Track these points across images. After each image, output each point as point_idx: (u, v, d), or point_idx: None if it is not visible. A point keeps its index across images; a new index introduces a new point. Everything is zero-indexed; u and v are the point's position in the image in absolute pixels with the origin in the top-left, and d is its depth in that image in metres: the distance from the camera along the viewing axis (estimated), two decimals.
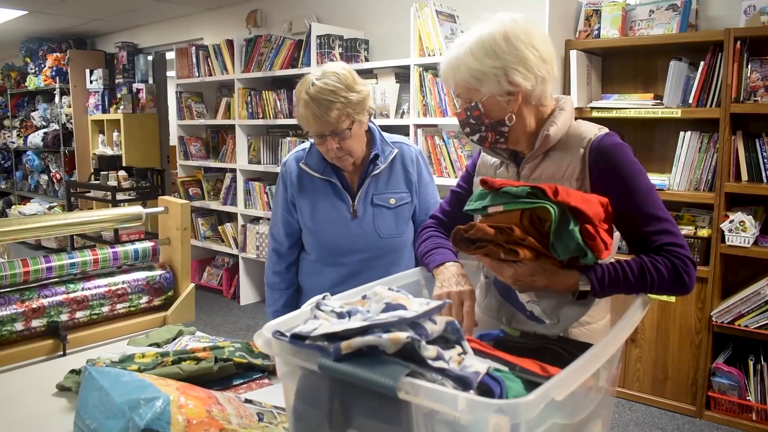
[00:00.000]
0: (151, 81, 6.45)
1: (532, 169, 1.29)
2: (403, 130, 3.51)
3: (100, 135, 6.36)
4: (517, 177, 1.33)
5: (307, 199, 1.78)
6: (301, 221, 1.81)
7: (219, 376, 1.39)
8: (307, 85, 1.61)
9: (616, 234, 1.25)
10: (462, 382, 0.75)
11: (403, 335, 0.77)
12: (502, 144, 1.29)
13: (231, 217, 5.05)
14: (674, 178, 2.95)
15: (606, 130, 1.28)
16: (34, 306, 1.58)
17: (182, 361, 1.37)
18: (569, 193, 1.03)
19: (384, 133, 1.81)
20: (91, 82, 6.49)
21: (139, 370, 1.31)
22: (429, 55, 3.44)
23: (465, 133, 1.29)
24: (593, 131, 1.26)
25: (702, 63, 2.79)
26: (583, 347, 0.97)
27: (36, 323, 1.59)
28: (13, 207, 7.51)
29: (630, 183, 1.20)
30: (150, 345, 1.61)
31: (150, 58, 6.47)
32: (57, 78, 6.60)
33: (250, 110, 4.61)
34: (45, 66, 6.77)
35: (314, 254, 1.83)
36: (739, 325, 2.75)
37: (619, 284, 1.11)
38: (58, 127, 6.82)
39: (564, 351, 1.02)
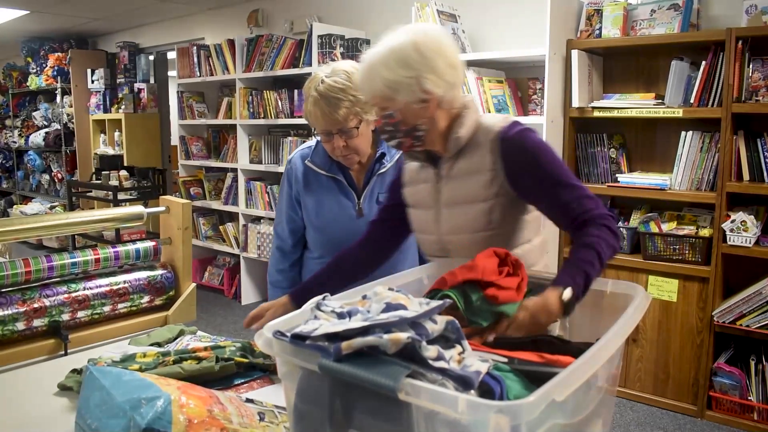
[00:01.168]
0: (152, 81, 6.46)
1: (449, 168, 1.38)
2: None
3: (102, 135, 6.37)
4: (436, 177, 1.41)
5: (312, 196, 1.78)
6: (305, 218, 1.82)
7: (220, 376, 1.39)
8: (317, 82, 1.61)
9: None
10: (463, 382, 0.75)
11: (403, 335, 0.77)
12: (418, 147, 1.36)
13: (232, 217, 5.05)
14: (676, 178, 2.95)
15: (511, 120, 1.38)
16: (35, 306, 1.58)
17: (183, 361, 1.37)
18: (454, 273, 1.09)
19: None
20: (92, 81, 6.49)
21: (140, 370, 1.31)
22: None
23: (383, 138, 1.37)
24: (499, 123, 1.36)
25: (703, 63, 2.79)
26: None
27: (37, 323, 1.59)
28: (15, 206, 7.52)
29: (541, 163, 1.30)
30: (151, 344, 1.61)
31: (151, 57, 6.48)
32: (58, 78, 6.60)
33: (251, 110, 4.61)
34: (46, 66, 6.78)
35: (318, 252, 1.83)
36: (741, 325, 2.75)
37: (590, 276, 1.15)
38: (59, 127, 6.83)
39: (556, 339, 1.02)
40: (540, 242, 1.46)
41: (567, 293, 1.10)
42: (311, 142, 1.83)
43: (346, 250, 1.60)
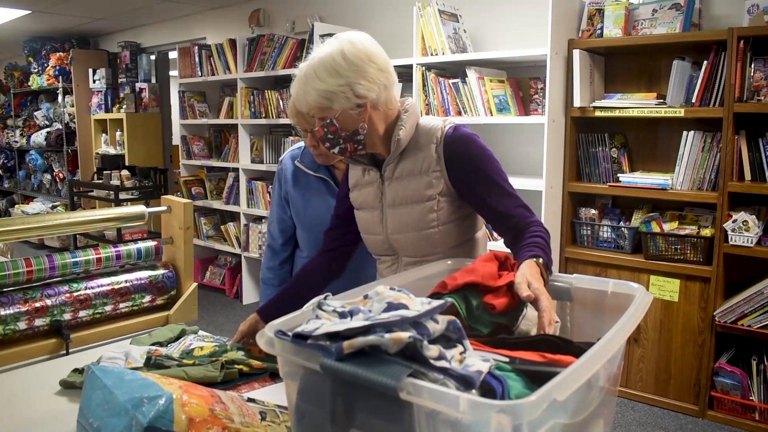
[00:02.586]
0: (153, 80, 6.47)
1: (393, 169, 1.43)
2: None
3: (103, 134, 6.38)
4: (380, 179, 1.45)
5: (300, 195, 1.83)
6: (294, 217, 1.87)
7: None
8: None
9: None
10: (464, 382, 0.75)
11: (405, 335, 0.77)
12: (361, 151, 1.40)
13: (233, 217, 5.06)
14: (677, 178, 2.95)
15: (452, 122, 1.42)
16: (37, 305, 1.58)
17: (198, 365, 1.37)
18: (455, 277, 1.10)
19: None
20: (94, 81, 6.50)
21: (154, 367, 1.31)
22: (432, 55, 3.44)
23: (326, 147, 1.40)
24: (441, 126, 1.40)
25: (705, 62, 2.79)
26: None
27: (39, 322, 1.59)
28: (17, 206, 7.53)
29: (484, 168, 1.37)
30: (152, 344, 1.61)
31: (153, 57, 6.48)
32: (60, 77, 6.61)
33: (252, 110, 4.61)
34: (48, 65, 6.79)
35: (307, 251, 1.88)
36: (742, 324, 2.75)
37: (548, 254, 1.24)
38: (61, 127, 6.84)
39: (558, 339, 1.02)
40: (482, 236, 1.54)
41: (539, 259, 1.17)
42: (302, 142, 1.87)
43: (306, 264, 1.64)
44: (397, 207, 1.43)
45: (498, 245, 1.52)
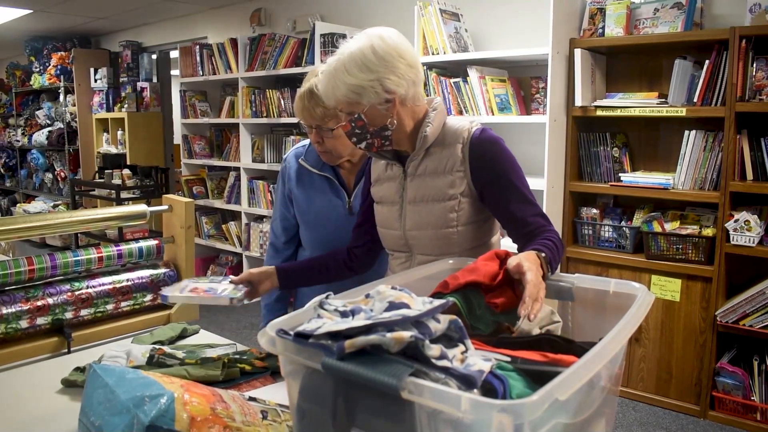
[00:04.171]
0: (155, 80, 6.47)
1: (417, 166, 1.43)
2: None
3: (105, 133, 6.38)
4: (403, 175, 1.46)
5: (304, 194, 1.82)
6: (297, 216, 1.86)
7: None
8: (312, 76, 1.65)
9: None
10: (466, 381, 0.75)
11: (406, 334, 0.77)
12: (388, 147, 1.41)
13: (235, 216, 5.06)
14: (679, 177, 2.95)
15: (479, 124, 1.43)
16: (38, 304, 1.58)
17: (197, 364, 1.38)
18: (456, 276, 1.10)
19: None
20: (95, 80, 6.50)
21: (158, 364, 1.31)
22: (433, 54, 3.43)
23: (353, 142, 1.40)
24: (467, 127, 1.41)
25: (707, 62, 2.78)
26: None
27: (41, 321, 1.59)
28: (18, 205, 7.54)
29: (507, 173, 1.39)
30: (154, 343, 1.61)
31: (154, 56, 6.49)
32: (61, 77, 6.62)
33: (253, 109, 4.61)
34: (49, 65, 6.79)
35: (309, 250, 1.87)
36: (744, 324, 2.75)
37: (554, 255, 1.25)
38: (62, 126, 6.85)
39: (559, 338, 1.02)
40: (496, 240, 1.54)
41: (541, 253, 1.17)
42: (306, 141, 1.86)
43: (337, 249, 1.64)
44: (418, 203, 1.43)
45: (508, 243, 1.52)
